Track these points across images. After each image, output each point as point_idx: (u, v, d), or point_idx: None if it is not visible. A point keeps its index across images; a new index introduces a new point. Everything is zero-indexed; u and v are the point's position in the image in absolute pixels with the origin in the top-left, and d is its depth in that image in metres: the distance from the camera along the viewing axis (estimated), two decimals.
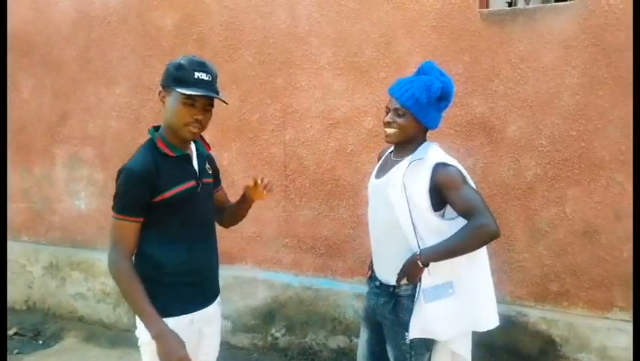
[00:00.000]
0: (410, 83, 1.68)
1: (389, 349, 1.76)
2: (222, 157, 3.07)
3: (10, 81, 3.57)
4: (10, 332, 3.42)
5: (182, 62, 1.60)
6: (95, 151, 3.40)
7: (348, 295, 2.85)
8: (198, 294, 1.71)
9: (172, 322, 1.61)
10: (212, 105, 1.64)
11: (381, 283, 1.78)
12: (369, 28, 2.72)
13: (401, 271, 1.67)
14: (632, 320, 2.41)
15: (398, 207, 1.64)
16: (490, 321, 1.75)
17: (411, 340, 1.66)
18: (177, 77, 1.57)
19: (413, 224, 1.63)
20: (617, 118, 2.36)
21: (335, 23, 2.77)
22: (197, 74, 1.58)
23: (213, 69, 1.63)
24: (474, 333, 2.62)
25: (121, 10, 3.21)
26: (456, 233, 1.60)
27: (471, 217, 1.59)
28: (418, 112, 1.66)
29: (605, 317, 2.47)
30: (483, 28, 2.52)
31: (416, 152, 1.69)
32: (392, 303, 1.71)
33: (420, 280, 1.65)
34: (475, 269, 1.71)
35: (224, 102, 1.68)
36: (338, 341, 2.91)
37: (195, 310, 1.69)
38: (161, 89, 1.64)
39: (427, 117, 1.68)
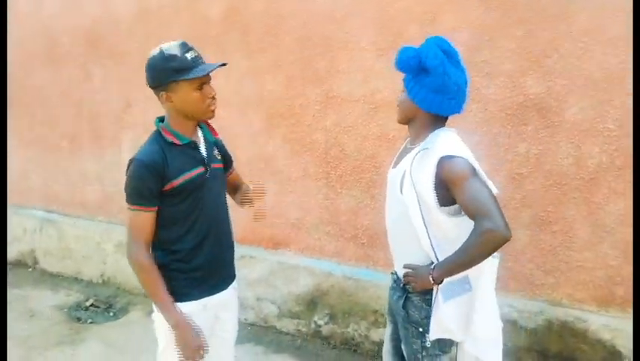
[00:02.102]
0: (409, 51, 1.54)
1: (403, 346, 1.67)
2: (267, 143, 3.09)
3: (82, 73, 3.87)
4: (87, 303, 3.78)
5: (167, 53, 1.53)
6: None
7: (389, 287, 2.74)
8: (212, 279, 1.72)
9: (186, 307, 1.64)
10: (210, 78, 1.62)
11: (397, 278, 1.69)
12: (412, 5, 2.53)
13: (410, 276, 1.55)
14: None
15: (408, 201, 1.51)
16: (492, 328, 1.59)
17: (421, 340, 1.57)
18: (175, 68, 1.52)
19: (424, 220, 1.49)
20: None
21: (376, 2, 2.61)
22: (188, 56, 1.54)
23: (190, 44, 1.59)
24: (522, 336, 2.44)
25: (174, 2, 3.31)
26: (463, 244, 1.43)
27: (476, 220, 1.41)
28: (408, 84, 1.55)
29: None
30: None
31: (425, 140, 1.53)
32: (403, 299, 1.62)
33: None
34: (490, 264, 1.55)
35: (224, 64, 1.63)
36: (380, 334, 2.82)
37: (209, 296, 1.71)
38: (161, 91, 1.56)
39: (412, 91, 1.54)
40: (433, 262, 1.51)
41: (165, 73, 1.53)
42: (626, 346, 2.21)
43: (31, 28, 4.12)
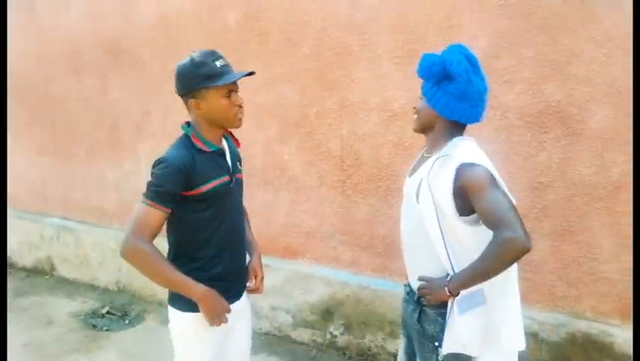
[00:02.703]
0: (430, 58, 1.53)
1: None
2: (283, 152, 3.08)
3: (102, 82, 3.92)
4: (103, 310, 3.80)
5: (197, 60, 1.56)
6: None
7: (402, 300, 2.69)
8: (228, 289, 1.71)
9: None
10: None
11: (410, 290, 1.65)
12: (431, 12, 2.51)
13: (425, 289, 1.51)
14: None
15: (425, 210, 1.47)
16: (518, 340, 1.51)
17: (436, 355, 1.51)
18: (205, 74, 1.55)
19: (441, 230, 1.45)
20: None
21: (395, 8, 2.61)
22: (218, 64, 1.57)
23: (219, 52, 1.62)
24: (544, 350, 2.37)
25: (192, 11, 3.35)
26: (482, 253, 1.39)
27: (496, 229, 1.36)
28: (426, 93, 1.52)
29: None
30: (560, 4, 2.20)
31: (444, 148, 1.50)
32: (418, 313, 1.57)
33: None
34: (505, 277, 1.47)
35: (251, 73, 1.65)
36: (396, 345, 2.76)
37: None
38: (190, 99, 1.59)
39: (433, 99, 1.51)
40: (448, 274, 1.47)
41: (195, 80, 1.55)
42: None
43: (54, 38, 4.20)
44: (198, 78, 1.55)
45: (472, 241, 1.44)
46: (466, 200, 1.41)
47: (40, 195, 4.60)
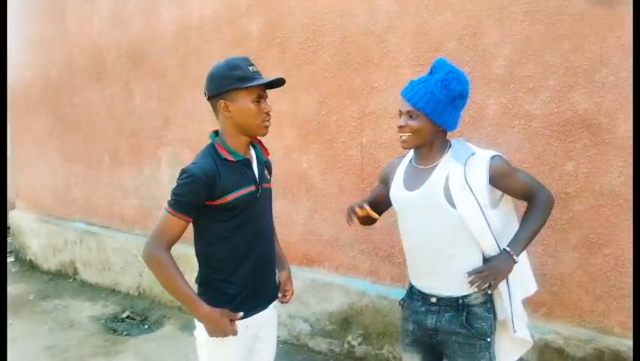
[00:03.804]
0: (422, 84, 1.55)
1: None
2: (301, 160, 3.08)
3: (124, 90, 3.99)
4: (123, 315, 3.84)
5: (232, 62, 1.58)
6: (193, 153, 3.54)
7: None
8: (255, 299, 1.71)
9: None
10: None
11: (438, 299, 1.62)
12: (452, 19, 2.48)
13: (485, 275, 1.54)
14: None
15: (467, 212, 1.52)
16: (532, 285, 1.74)
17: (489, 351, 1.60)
18: (238, 77, 1.56)
19: (488, 223, 1.54)
20: None
21: (415, 16, 2.58)
22: (251, 69, 1.59)
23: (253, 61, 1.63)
24: None
25: (214, 20, 3.38)
26: (531, 214, 1.60)
27: (534, 194, 1.60)
28: (431, 113, 1.53)
29: None
30: (587, 10, 2.14)
31: (457, 151, 1.57)
32: (464, 315, 1.58)
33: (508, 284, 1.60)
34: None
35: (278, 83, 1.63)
36: None
37: (251, 315, 1.68)
38: (220, 100, 1.59)
39: (442, 118, 1.54)
40: (502, 250, 1.57)
41: (228, 80, 1.56)
42: None
43: (79, 46, 4.30)
44: (231, 79, 1.56)
45: (499, 222, 1.60)
46: (494, 186, 1.57)
47: (64, 200, 4.69)
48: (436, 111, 1.52)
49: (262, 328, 1.74)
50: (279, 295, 1.82)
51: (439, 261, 1.61)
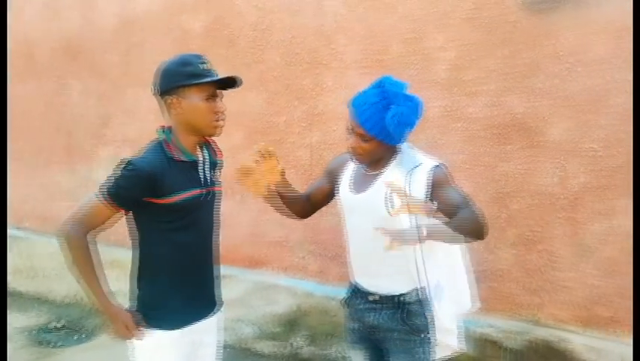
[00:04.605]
0: (374, 108, 1.51)
1: None
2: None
3: (60, 85, 3.77)
4: (57, 325, 3.61)
5: (184, 58, 1.53)
6: (134, 153, 3.49)
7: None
8: (197, 305, 1.66)
9: (168, 335, 1.56)
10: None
11: (380, 297, 1.65)
12: (397, 24, 2.54)
13: (394, 234, 1.49)
14: None
15: (401, 223, 1.52)
16: (467, 303, 1.73)
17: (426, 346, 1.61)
18: (189, 73, 1.49)
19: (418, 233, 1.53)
20: None
21: (362, 19, 2.62)
22: (202, 66, 1.53)
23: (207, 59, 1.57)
24: (506, 357, 2.40)
25: (157, 14, 3.27)
26: (457, 218, 1.50)
27: (465, 210, 1.51)
28: (384, 138, 1.54)
29: None
30: (523, 18, 2.26)
31: (404, 159, 1.59)
32: (402, 312, 1.61)
33: (428, 285, 1.61)
34: (452, 256, 1.68)
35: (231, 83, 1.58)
36: None
37: (194, 322, 1.64)
38: (169, 96, 1.52)
39: (393, 140, 1.57)
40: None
41: (178, 76, 1.50)
42: None
43: (9, 38, 4.01)
44: (182, 76, 1.49)
45: None
46: (430, 195, 1.55)
47: None
48: (388, 137, 1.54)
49: (204, 333, 1.69)
50: None
51: (378, 261, 1.64)
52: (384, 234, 1.47)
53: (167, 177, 1.51)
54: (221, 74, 1.60)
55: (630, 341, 2.17)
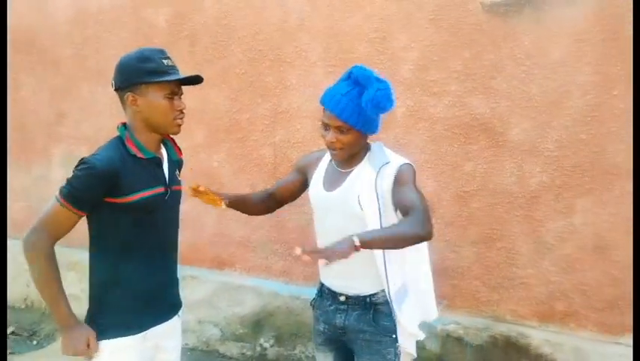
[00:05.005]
0: (348, 96, 1.51)
1: None
2: (212, 159, 2.97)
3: (10, 79, 3.57)
4: (8, 331, 3.43)
5: (144, 53, 1.46)
6: (90, 151, 3.30)
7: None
8: (156, 309, 1.60)
9: (124, 342, 1.50)
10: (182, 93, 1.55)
11: (347, 298, 1.64)
12: (362, 23, 2.54)
13: (326, 251, 1.39)
14: None
15: (369, 216, 1.52)
16: (433, 311, 1.75)
17: (395, 347, 1.60)
18: (149, 70, 1.44)
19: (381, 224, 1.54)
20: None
21: (327, 17, 2.60)
22: (165, 62, 1.47)
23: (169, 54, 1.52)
24: (468, 353, 2.45)
25: (115, 7, 3.15)
26: (399, 224, 1.44)
27: (413, 211, 1.43)
28: (363, 127, 1.53)
29: (616, 342, 2.21)
30: (485, 21, 2.30)
31: (375, 157, 1.58)
32: (371, 313, 1.61)
33: (389, 288, 1.58)
34: (418, 262, 1.69)
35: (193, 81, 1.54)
36: None
37: (151, 326, 1.58)
38: (128, 93, 1.46)
39: (371, 128, 1.58)
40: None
41: (137, 73, 1.44)
42: (566, 360, 2.27)
43: None
44: (141, 72, 1.44)
45: None
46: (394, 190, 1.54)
47: None
48: (366, 124, 1.53)
49: (164, 338, 1.64)
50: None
51: (348, 261, 1.62)
52: (312, 253, 1.39)
53: (128, 175, 1.45)
54: (184, 70, 1.55)
55: (586, 334, 2.27)
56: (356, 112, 1.49)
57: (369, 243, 1.40)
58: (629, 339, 2.17)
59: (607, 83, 2.13)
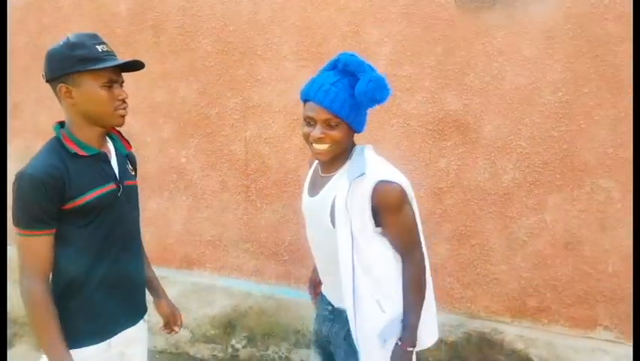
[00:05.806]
0: (337, 86, 1.35)
1: None
2: (180, 154, 2.86)
3: None
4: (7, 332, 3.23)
5: (73, 40, 1.33)
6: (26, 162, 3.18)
7: (312, 306, 2.63)
8: (120, 314, 1.51)
9: (87, 351, 1.42)
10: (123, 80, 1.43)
11: (334, 308, 1.57)
12: (335, 16, 2.47)
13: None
14: (617, 340, 2.20)
15: (341, 235, 1.41)
16: (433, 336, 1.65)
17: None
18: (80, 57, 1.31)
19: (352, 251, 1.40)
20: (604, 118, 2.13)
21: (299, 10, 2.53)
22: (99, 48, 1.34)
23: (103, 39, 1.40)
24: (443, 350, 2.46)
25: None
26: (406, 297, 1.46)
27: (405, 253, 1.43)
28: (354, 120, 1.37)
29: (587, 337, 2.25)
30: (457, 16, 2.28)
31: (352, 165, 1.40)
32: (346, 329, 1.50)
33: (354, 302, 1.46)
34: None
35: (134, 66, 1.42)
36: (301, 355, 2.70)
37: (115, 334, 1.50)
38: (60, 84, 1.34)
39: (361, 123, 1.43)
40: (397, 342, 1.47)
41: (68, 62, 1.31)
42: (539, 354, 2.30)
43: None
44: (72, 61, 1.32)
45: (378, 251, 1.44)
46: (378, 215, 1.40)
47: None
48: (357, 119, 1.39)
49: (129, 345, 1.56)
50: (167, 329, 1.73)
51: (330, 271, 1.55)
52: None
53: (73, 177, 1.34)
54: (148, 61, 1.45)
55: (558, 329, 2.30)
56: (348, 103, 1.34)
57: (412, 337, 1.45)
58: (599, 333, 2.22)
59: (577, 81, 2.15)
